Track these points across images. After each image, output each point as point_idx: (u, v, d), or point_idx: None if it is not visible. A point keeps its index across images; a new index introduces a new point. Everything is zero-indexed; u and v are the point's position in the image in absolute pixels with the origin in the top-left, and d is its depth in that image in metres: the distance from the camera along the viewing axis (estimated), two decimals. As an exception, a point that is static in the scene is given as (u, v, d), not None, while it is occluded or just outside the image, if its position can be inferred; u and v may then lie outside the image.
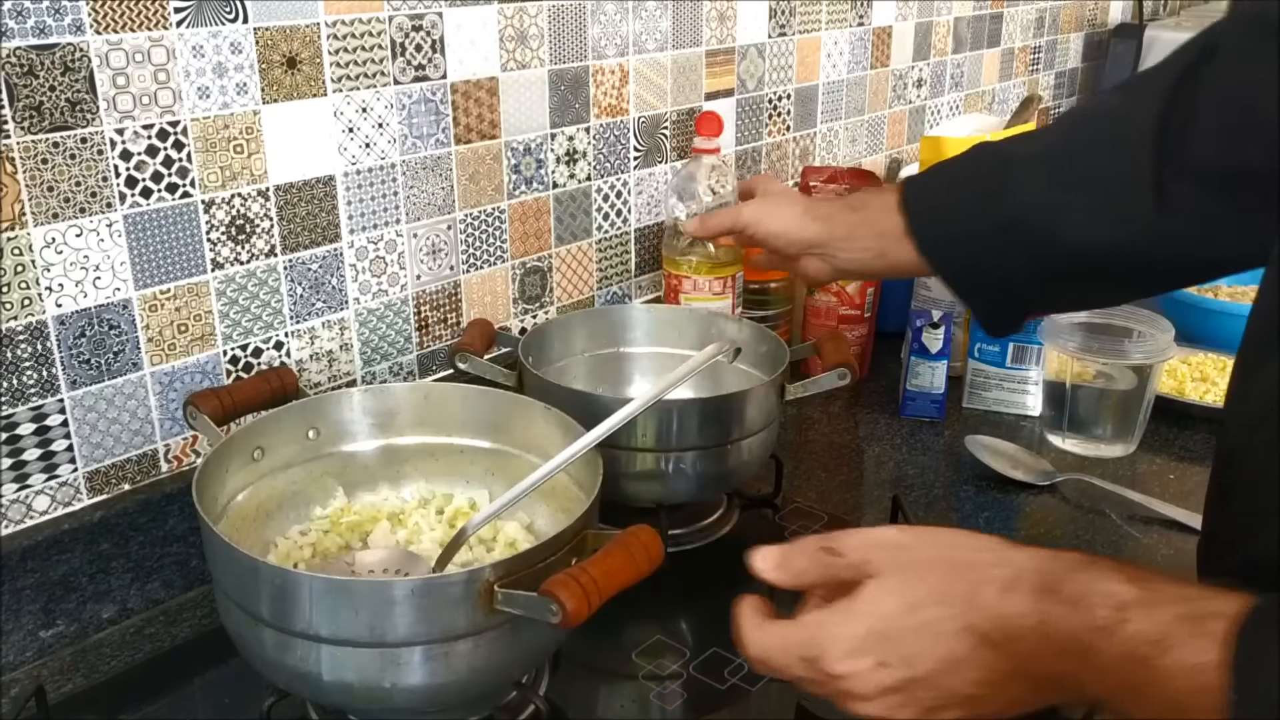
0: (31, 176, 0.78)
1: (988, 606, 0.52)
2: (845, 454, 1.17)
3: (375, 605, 0.63)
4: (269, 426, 0.82)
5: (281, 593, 0.65)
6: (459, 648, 0.65)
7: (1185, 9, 2.64)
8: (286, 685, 0.71)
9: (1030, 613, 0.51)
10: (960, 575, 0.53)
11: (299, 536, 0.83)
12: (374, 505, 0.86)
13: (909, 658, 0.53)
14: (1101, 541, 0.99)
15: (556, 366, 1.07)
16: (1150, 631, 0.47)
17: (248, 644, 0.69)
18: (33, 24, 0.76)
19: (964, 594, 0.53)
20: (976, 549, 0.55)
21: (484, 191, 1.11)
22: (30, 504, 0.84)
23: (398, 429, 0.87)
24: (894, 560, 0.55)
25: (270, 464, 0.82)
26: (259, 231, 0.93)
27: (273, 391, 0.86)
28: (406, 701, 0.67)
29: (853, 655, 0.54)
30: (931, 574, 0.54)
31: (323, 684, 0.66)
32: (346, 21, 0.95)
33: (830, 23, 1.52)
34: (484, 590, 0.63)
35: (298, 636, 0.65)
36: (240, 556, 0.66)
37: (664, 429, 0.91)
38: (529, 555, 0.66)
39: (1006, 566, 0.53)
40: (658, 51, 1.26)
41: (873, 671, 0.53)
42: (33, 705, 0.74)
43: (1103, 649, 0.48)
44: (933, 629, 0.53)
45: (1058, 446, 1.17)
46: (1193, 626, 0.46)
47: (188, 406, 0.82)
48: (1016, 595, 0.51)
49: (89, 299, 0.84)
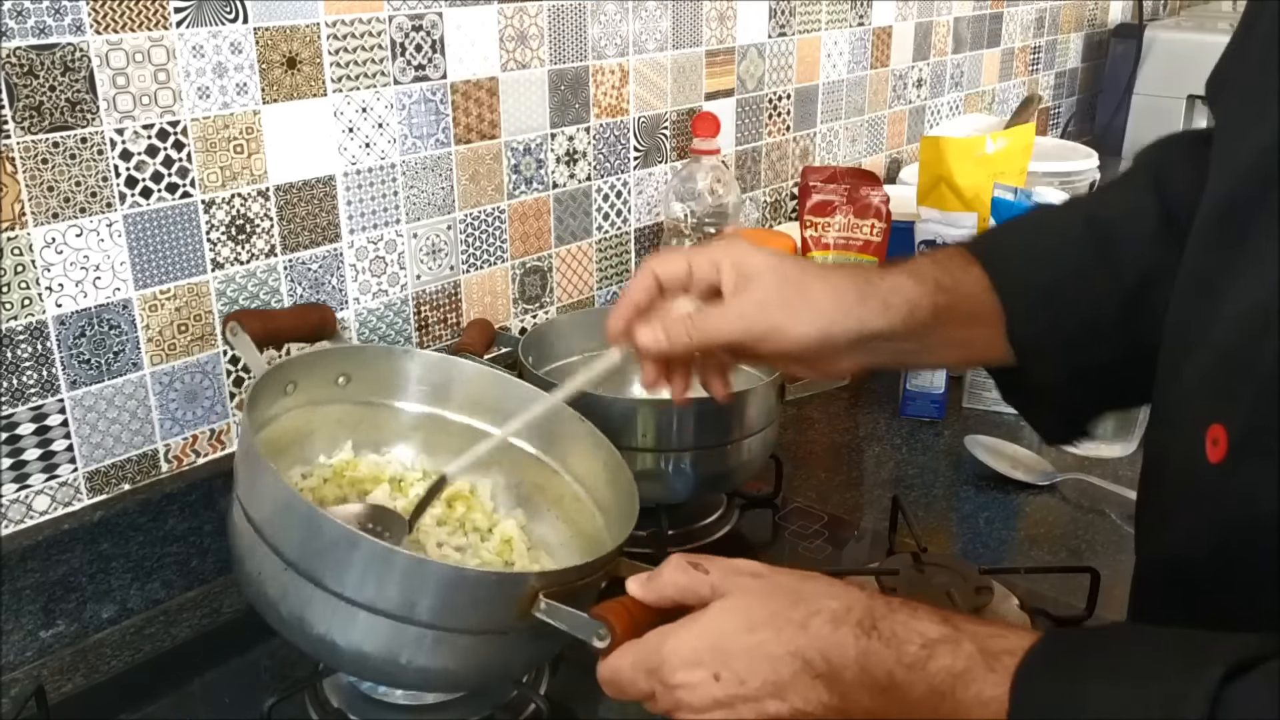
0: (31, 176, 0.78)
1: (816, 635, 0.55)
2: (845, 454, 1.17)
3: (414, 582, 0.63)
4: (307, 362, 0.82)
5: (330, 546, 0.63)
6: (481, 641, 0.65)
7: (1185, 9, 2.64)
8: (305, 645, 0.68)
9: (852, 645, 0.54)
10: (798, 604, 0.56)
11: (300, 480, 0.82)
12: (379, 466, 0.86)
13: (741, 674, 0.55)
14: (1101, 541, 0.99)
15: (556, 366, 1.07)
16: (953, 666, 0.51)
17: (266, 592, 0.67)
18: (33, 24, 0.76)
19: (798, 621, 0.55)
20: (823, 583, 0.58)
21: (484, 191, 1.11)
22: (30, 504, 0.84)
23: (424, 397, 0.87)
24: (745, 585, 0.58)
25: (295, 401, 0.81)
26: (259, 231, 0.93)
27: (311, 326, 0.87)
28: (415, 680, 0.68)
29: (690, 666, 0.56)
30: (774, 600, 0.57)
31: (339, 649, 0.65)
32: (346, 21, 0.95)
33: (830, 23, 1.52)
34: (528, 595, 0.63)
35: (330, 594, 0.63)
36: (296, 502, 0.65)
37: (664, 429, 0.92)
38: (577, 570, 0.66)
39: (840, 601, 0.56)
40: (658, 51, 1.26)
41: (706, 684, 0.56)
42: (33, 705, 0.74)
43: (913, 683, 0.52)
44: (764, 649, 0.55)
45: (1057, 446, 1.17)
46: (989, 661, 0.50)
47: (229, 323, 0.82)
48: (843, 628, 0.54)
49: (89, 299, 0.84)
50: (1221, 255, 0.56)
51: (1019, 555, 0.98)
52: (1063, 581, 0.91)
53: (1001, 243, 0.74)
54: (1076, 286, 0.69)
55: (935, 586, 0.83)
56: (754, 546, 1.00)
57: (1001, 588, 0.85)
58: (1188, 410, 0.58)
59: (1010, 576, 0.89)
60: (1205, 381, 0.56)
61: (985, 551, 0.98)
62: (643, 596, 0.61)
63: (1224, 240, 0.56)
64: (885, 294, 0.67)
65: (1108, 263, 0.69)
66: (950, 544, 1.00)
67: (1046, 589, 0.90)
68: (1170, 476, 0.61)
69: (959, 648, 0.51)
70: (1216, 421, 0.54)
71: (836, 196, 1.26)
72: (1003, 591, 0.85)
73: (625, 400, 1.03)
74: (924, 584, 0.84)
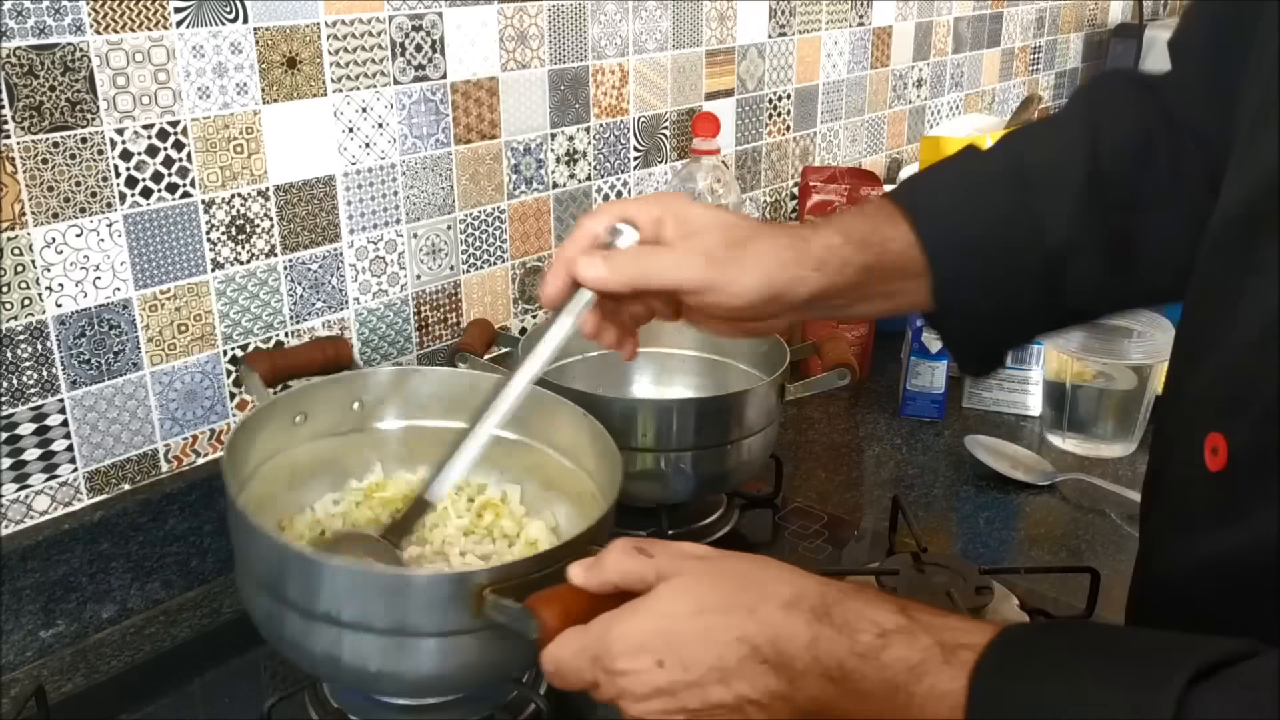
0: (31, 176, 0.78)
1: (766, 621, 0.53)
2: (845, 454, 1.17)
3: (362, 593, 0.64)
4: (316, 393, 0.83)
5: (279, 566, 0.66)
6: (450, 643, 0.65)
7: (1185, 9, 2.64)
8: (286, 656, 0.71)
9: (803, 632, 0.52)
10: (748, 589, 0.55)
11: (332, 505, 0.84)
12: (409, 484, 0.86)
13: (686, 660, 0.53)
14: (1101, 541, 1.00)
15: (557, 367, 1.07)
16: (909, 657, 0.49)
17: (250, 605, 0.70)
18: (33, 24, 0.76)
19: (747, 605, 0.54)
20: (774, 567, 0.57)
21: (484, 191, 1.11)
22: (30, 504, 0.84)
23: (441, 413, 0.87)
24: (692, 568, 0.57)
25: (312, 430, 0.83)
26: (259, 231, 0.93)
27: (325, 359, 0.87)
28: (394, 687, 0.70)
29: (634, 653, 0.54)
30: (722, 584, 0.55)
31: (314, 656, 0.67)
32: (346, 21, 0.95)
33: (830, 23, 1.52)
34: (475, 594, 0.63)
35: (289, 608, 0.66)
36: (242, 522, 0.67)
37: (664, 429, 0.92)
38: (524, 564, 0.65)
39: (791, 586, 0.54)
40: (658, 51, 1.26)
41: (650, 671, 0.54)
42: (33, 705, 0.74)
43: (865, 674, 0.50)
44: (711, 635, 0.53)
45: (1058, 446, 1.17)
46: (946, 655, 0.48)
47: (241, 365, 0.84)
48: (794, 614, 0.53)
49: (89, 299, 0.84)
50: (1233, 265, 0.55)
51: (1019, 555, 0.98)
52: (1063, 581, 0.91)
53: (931, 197, 0.72)
54: (1000, 248, 0.69)
55: (935, 586, 0.83)
56: (754, 546, 1.00)
57: (1001, 588, 0.85)
58: (1190, 417, 0.58)
59: (1010, 576, 0.89)
60: (1209, 389, 0.56)
61: (985, 551, 0.99)
62: (585, 583, 0.59)
63: (1236, 250, 0.55)
64: (819, 253, 0.66)
65: (1032, 223, 0.69)
66: (950, 544, 1.00)
67: (1046, 589, 0.90)
68: (1170, 484, 0.61)
69: (915, 639, 0.50)
70: (1217, 430, 0.53)
71: (836, 196, 1.26)
72: (1003, 591, 0.85)
73: (625, 400, 1.03)
74: (924, 584, 0.84)
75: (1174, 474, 0.60)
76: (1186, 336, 0.61)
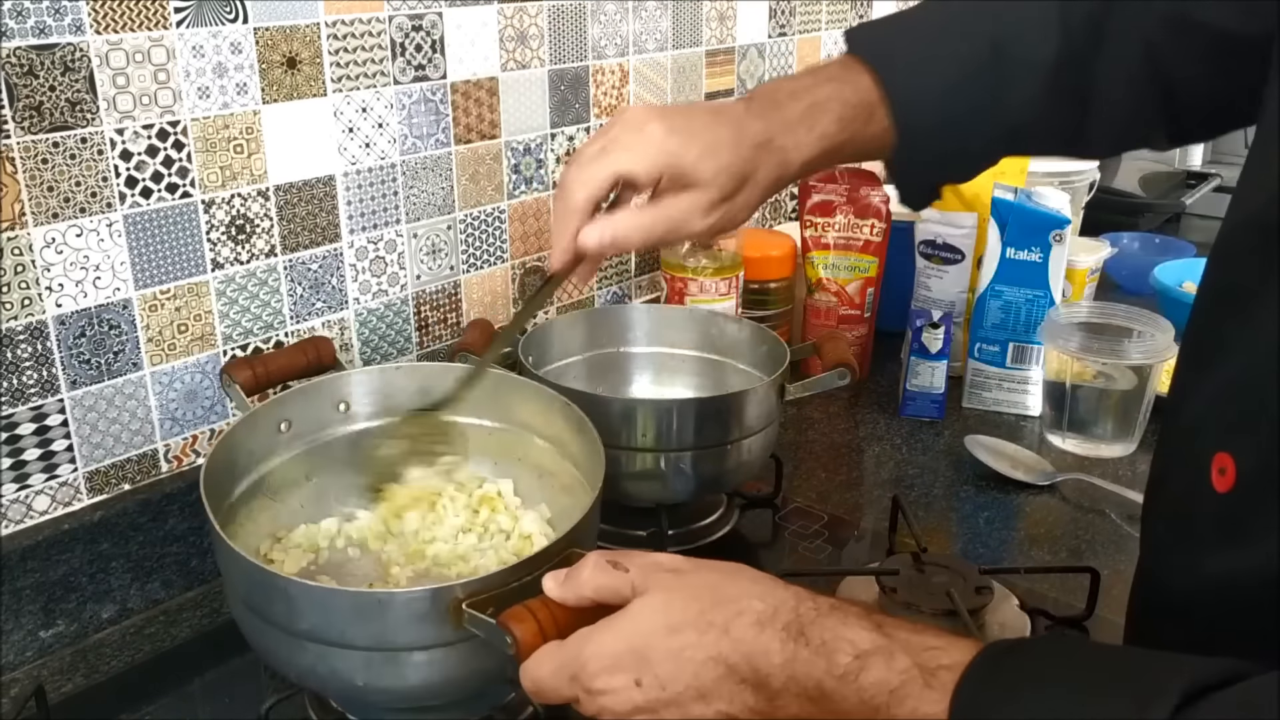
0: (31, 176, 0.78)
1: (740, 639, 0.52)
2: (845, 454, 1.17)
3: (329, 613, 0.63)
4: (297, 399, 0.82)
5: (258, 588, 0.66)
6: (436, 656, 0.64)
7: None
8: (275, 669, 0.71)
9: (778, 651, 0.51)
10: (722, 605, 0.54)
11: (344, 521, 0.84)
12: (413, 484, 0.85)
13: (663, 679, 0.53)
14: (1101, 541, 0.99)
15: (556, 366, 1.07)
16: (888, 681, 0.49)
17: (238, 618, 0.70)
18: (33, 24, 0.76)
19: (720, 624, 0.53)
20: (748, 580, 0.56)
21: (484, 191, 1.11)
22: (30, 504, 0.84)
23: (427, 405, 0.85)
24: (666, 582, 0.56)
25: (297, 436, 0.82)
26: (259, 231, 0.93)
27: (309, 363, 0.86)
28: (384, 700, 0.70)
29: (610, 671, 0.54)
30: (697, 600, 0.55)
31: (301, 671, 0.67)
32: (346, 21, 0.95)
33: (830, 23, 1.52)
34: (454, 607, 0.62)
35: (273, 626, 0.66)
36: (221, 545, 0.67)
37: (664, 429, 0.91)
38: (501, 575, 0.64)
39: (765, 602, 0.54)
40: (658, 51, 1.26)
41: (628, 689, 0.54)
42: (33, 705, 0.74)
43: (844, 696, 0.50)
44: (686, 654, 0.53)
45: (1058, 446, 1.17)
46: (926, 677, 0.48)
47: (223, 375, 0.83)
48: (768, 632, 0.52)
49: (89, 299, 0.84)
50: (1248, 277, 0.54)
51: (1019, 555, 0.98)
52: (1062, 581, 0.91)
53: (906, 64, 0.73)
54: (966, 123, 0.72)
55: (935, 586, 0.83)
56: (754, 546, 1.00)
57: (1001, 588, 0.85)
58: (1196, 434, 0.57)
59: (1010, 576, 0.89)
60: (1218, 407, 0.55)
61: (985, 551, 0.99)
62: (560, 597, 0.59)
63: (1253, 262, 0.54)
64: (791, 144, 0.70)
65: (998, 104, 0.71)
66: (950, 544, 1.00)
67: (1046, 589, 0.90)
68: (1174, 499, 0.60)
69: (893, 660, 0.49)
70: (1225, 450, 0.53)
71: (837, 196, 1.26)
72: (1003, 591, 0.85)
73: (625, 400, 1.03)
74: (924, 584, 0.84)
75: (1178, 489, 0.59)
76: (1195, 347, 0.60)
